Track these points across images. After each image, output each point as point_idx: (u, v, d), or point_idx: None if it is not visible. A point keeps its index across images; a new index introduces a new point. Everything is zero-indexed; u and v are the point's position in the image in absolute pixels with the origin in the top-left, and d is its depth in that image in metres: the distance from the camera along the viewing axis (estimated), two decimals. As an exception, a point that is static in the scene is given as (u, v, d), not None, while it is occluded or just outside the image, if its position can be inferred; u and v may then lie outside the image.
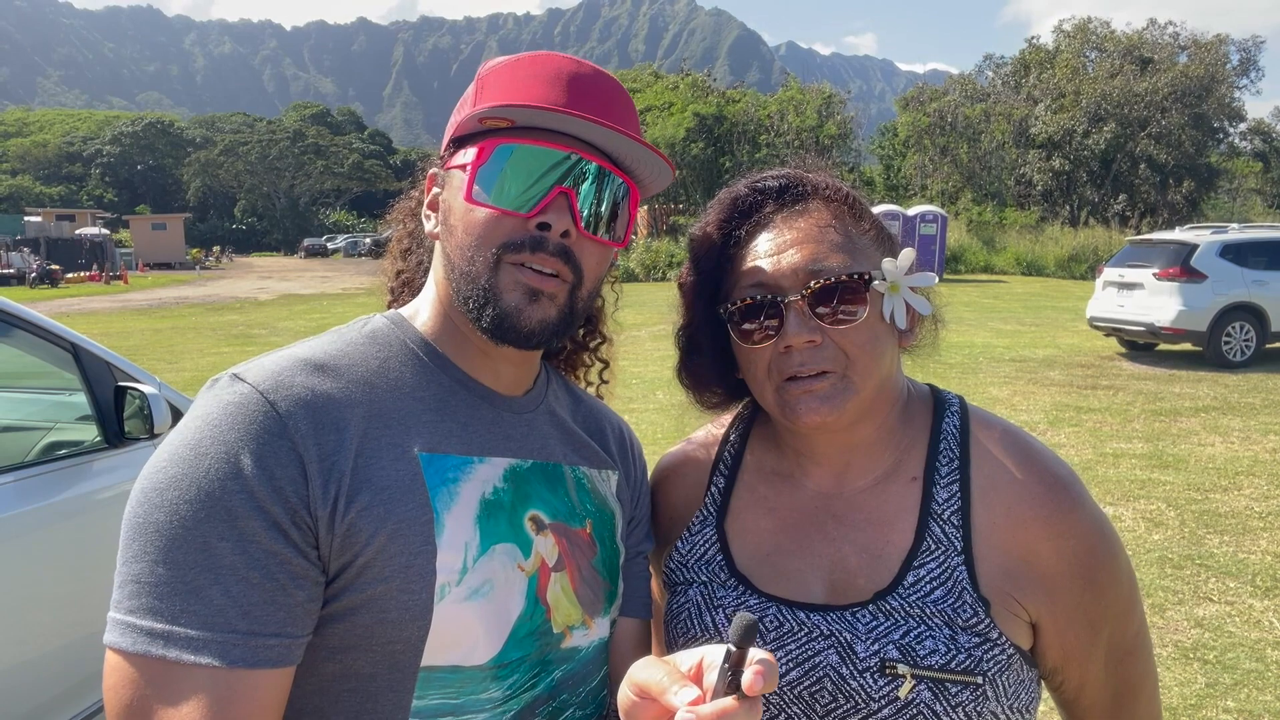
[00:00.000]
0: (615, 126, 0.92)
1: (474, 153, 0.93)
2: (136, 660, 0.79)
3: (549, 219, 0.92)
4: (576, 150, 0.93)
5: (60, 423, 3.37)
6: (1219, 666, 3.99)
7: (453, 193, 0.97)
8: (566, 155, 0.93)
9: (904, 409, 1.12)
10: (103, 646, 0.81)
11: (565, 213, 0.93)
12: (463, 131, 0.98)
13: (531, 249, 0.93)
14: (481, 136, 0.95)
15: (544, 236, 0.93)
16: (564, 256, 0.94)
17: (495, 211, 0.93)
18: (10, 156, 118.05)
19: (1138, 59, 41.34)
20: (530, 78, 0.95)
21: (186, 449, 0.83)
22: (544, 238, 0.93)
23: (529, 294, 0.93)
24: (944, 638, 0.96)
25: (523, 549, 0.97)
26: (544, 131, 0.93)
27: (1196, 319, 11.83)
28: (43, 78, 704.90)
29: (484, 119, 0.93)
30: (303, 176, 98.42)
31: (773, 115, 41.04)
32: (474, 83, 0.99)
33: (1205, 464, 7.22)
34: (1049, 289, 25.30)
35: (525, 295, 0.93)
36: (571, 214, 0.93)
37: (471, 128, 0.96)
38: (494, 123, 0.94)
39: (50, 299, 27.40)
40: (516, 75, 0.96)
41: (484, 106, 0.92)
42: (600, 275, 1.01)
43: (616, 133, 0.92)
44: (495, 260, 0.93)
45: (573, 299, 0.97)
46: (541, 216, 0.92)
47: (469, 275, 0.94)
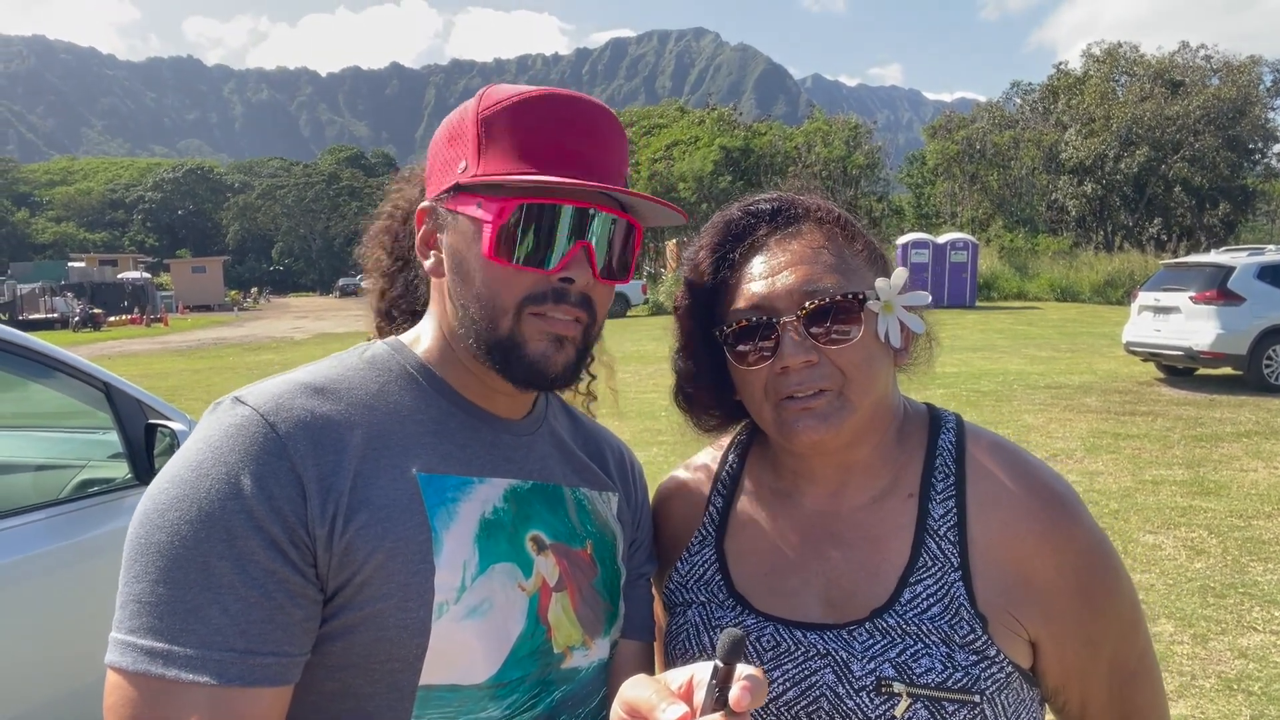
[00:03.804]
0: (633, 193, 0.95)
1: (494, 210, 0.93)
2: (136, 679, 0.80)
3: (572, 274, 0.95)
4: (591, 205, 0.95)
5: (93, 460, 3.43)
6: (1264, 698, 3.87)
7: (465, 242, 0.97)
8: (584, 210, 0.94)
9: (900, 427, 1.12)
10: None
11: (585, 265, 0.95)
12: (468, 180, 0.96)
13: (555, 300, 0.95)
14: (496, 190, 0.94)
15: (566, 289, 0.95)
16: (584, 305, 0.97)
17: (519, 268, 0.94)
18: (56, 204, 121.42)
19: (1168, 82, 41.04)
20: (540, 125, 0.95)
21: (188, 470, 0.85)
22: (566, 290, 0.95)
23: (555, 341, 0.96)
24: (941, 656, 0.95)
25: (524, 569, 0.98)
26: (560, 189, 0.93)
27: (1236, 342, 11.60)
28: (87, 128, 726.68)
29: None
30: (338, 218, 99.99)
31: (799, 147, 41.21)
32: (474, 120, 0.96)
33: (1248, 490, 7.05)
34: (1084, 315, 24.97)
35: (551, 343, 0.96)
36: (590, 265, 0.96)
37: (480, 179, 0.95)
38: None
39: (92, 342, 27.99)
40: (523, 122, 0.95)
41: (506, 176, 0.92)
42: (607, 311, 1.04)
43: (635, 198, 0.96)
44: (518, 311, 0.95)
45: (587, 337, 1.00)
46: (565, 271, 0.95)
47: (491, 326, 0.96)
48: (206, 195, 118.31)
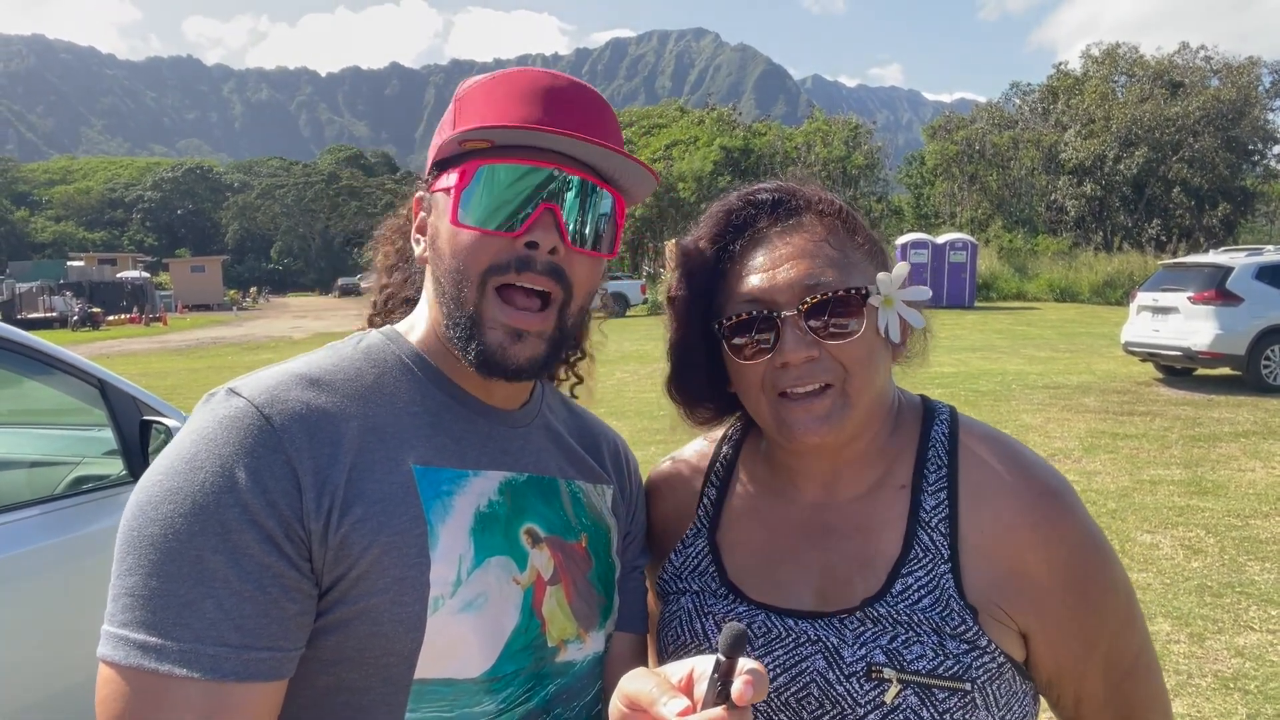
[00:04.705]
0: (592, 139, 0.92)
1: (456, 176, 0.93)
2: (128, 673, 0.79)
3: (536, 237, 0.92)
4: (558, 165, 0.93)
5: (88, 457, 3.42)
6: (1261, 697, 3.87)
7: (438, 216, 0.97)
8: (548, 171, 0.93)
9: (894, 419, 1.11)
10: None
11: (552, 229, 0.93)
12: (444, 154, 0.98)
13: (519, 268, 0.92)
14: (463, 159, 0.95)
15: (532, 255, 0.92)
16: (553, 274, 0.93)
17: (481, 233, 0.92)
18: (55, 204, 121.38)
19: (1168, 83, 41.05)
20: (507, 96, 0.95)
21: (182, 462, 0.84)
22: (532, 256, 0.92)
23: (512, 334, 0.93)
24: (932, 644, 0.95)
25: (518, 562, 0.97)
26: (525, 149, 0.93)
27: (1234, 342, 11.60)
28: (86, 127, 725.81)
29: (464, 141, 0.94)
30: (337, 218, 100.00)
31: (799, 147, 41.21)
32: (452, 104, 0.99)
33: (1245, 490, 7.05)
34: (1083, 315, 24.97)
35: (508, 335, 0.93)
36: (558, 230, 0.93)
37: (452, 150, 0.96)
38: (474, 144, 0.94)
39: (91, 341, 27.94)
40: (494, 94, 0.96)
41: (463, 129, 0.93)
42: (591, 289, 1.00)
43: (598, 145, 0.92)
44: (482, 283, 0.93)
45: (563, 316, 0.97)
46: (528, 235, 0.92)
47: (457, 300, 0.94)
48: (206, 195, 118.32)
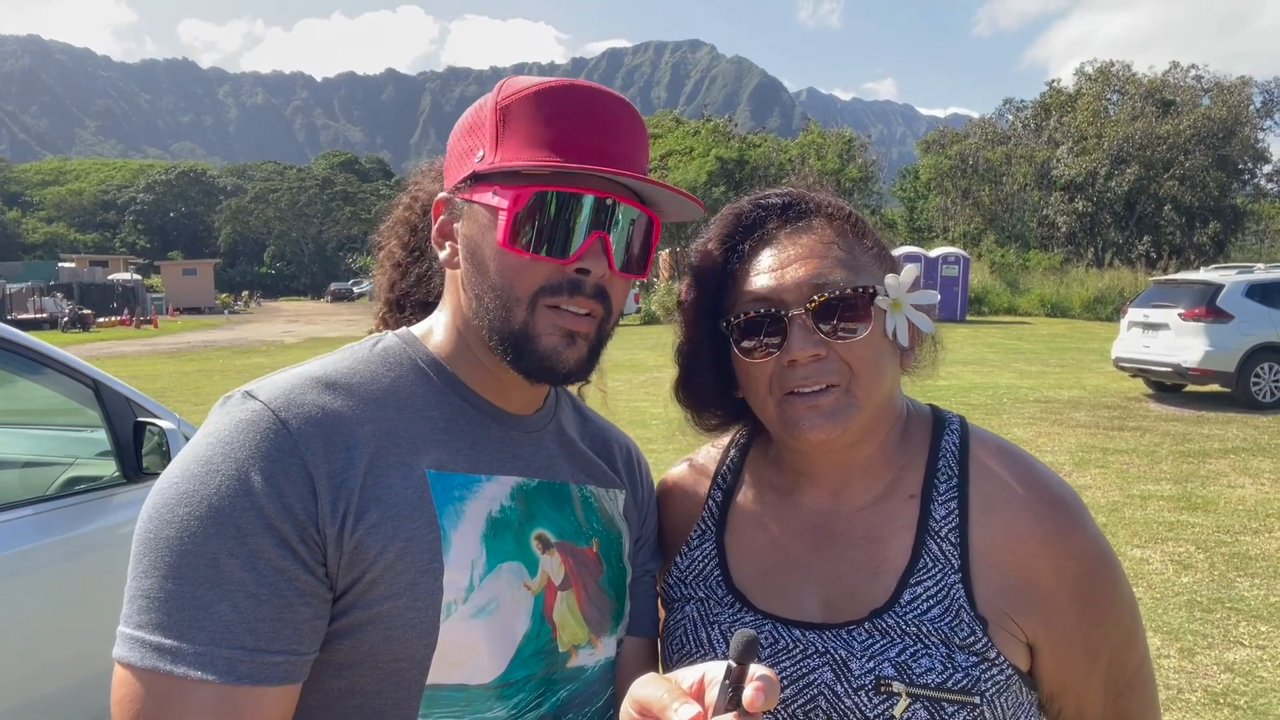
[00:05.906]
0: (658, 183, 0.94)
1: (510, 197, 0.92)
2: (144, 675, 0.79)
3: (588, 264, 0.94)
4: (611, 195, 0.94)
5: (81, 458, 3.41)
6: (1250, 712, 3.89)
7: (480, 231, 0.96)
8: (602, 200, 0.93)
9: (903, 428, 1.11)
10: None
11: (601, 257, 0.94)
12: (492, 169, 0.95)
13: (570, 292, 0.94)
14: (512, 178, 0.94)
15: (581, 280, 0.94)
16: (598, 296, 0.96)
17: (533, 257, 0.93)
18: (47, 205, 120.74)
19: (1160, 101, 41.34)
20: (562, 117, 0.94)
21: (198, 465, 0.84)
22: (581, 281, 0.94)
23: (566, 336, 0.95)
24: (941, 656, 0.95)
25: (529, 567, 0.97)
26: (583, 178, 0.93)
27: (1224, 360, 11.67)
28: (80, 128, 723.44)
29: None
30: (330, 223, 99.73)
31: (794, 159, 41.33)
32: (493, 109, 0.96)
33: (1235, 506, 7.09)
34: (1074, 330, 25.07)
35: (563, 338, 0.95)
36: (606, 256, 0.95)
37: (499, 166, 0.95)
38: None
39: (81, 342, 27.79)
40: (544, 112, 0.94)
41: (524, 162, 0.92)
42: (623, 305, 1.03)
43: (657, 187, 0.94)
44: (533, 302, 0.94)
45: (600, 332, 0.99)
46: (580, 262, 0.94)
47: (504, 317, 0.95)
48: (199, 198, 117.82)
